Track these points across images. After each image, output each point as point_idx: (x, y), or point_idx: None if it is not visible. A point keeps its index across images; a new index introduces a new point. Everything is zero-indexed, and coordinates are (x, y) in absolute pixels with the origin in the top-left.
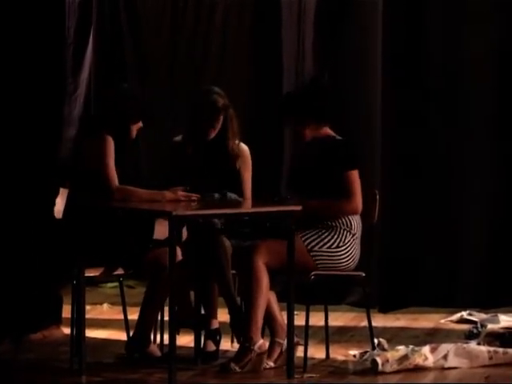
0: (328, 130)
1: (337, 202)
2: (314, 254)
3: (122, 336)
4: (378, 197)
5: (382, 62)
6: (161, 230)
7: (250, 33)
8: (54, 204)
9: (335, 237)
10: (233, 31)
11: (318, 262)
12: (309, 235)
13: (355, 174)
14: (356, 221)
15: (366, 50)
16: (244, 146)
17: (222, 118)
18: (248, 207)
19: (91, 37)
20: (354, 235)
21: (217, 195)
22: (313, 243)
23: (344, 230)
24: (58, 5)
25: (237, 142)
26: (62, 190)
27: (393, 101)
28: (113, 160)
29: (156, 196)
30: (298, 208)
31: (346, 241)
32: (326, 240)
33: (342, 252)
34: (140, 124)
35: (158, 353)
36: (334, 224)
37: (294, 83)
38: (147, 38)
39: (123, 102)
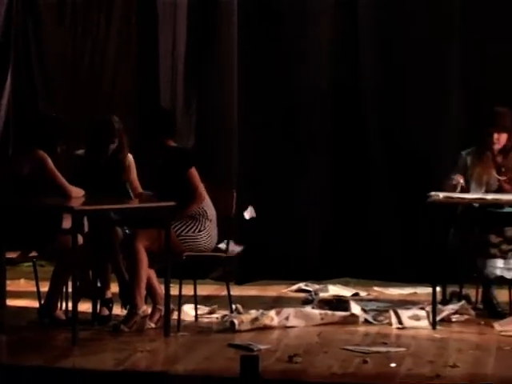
0: (172, 142)
1: (191, 203)
2: (182, 238)
3: (35, 304)
4: (235, 194)
5: (238, 78)
6: (67, 221)
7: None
8: None
9: (197, 224)
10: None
11: (185, 244)
12: (177, 225)
13: (194, 171)
14: (211, 209)
15: (226, 68)
16: (131, 157)
17: (118, 137)
18: (136, 203)
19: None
20: (210, 221)
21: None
22: (179, 230)
23: (203, 217)
24: None
25: (129, 155)
26: None
27: (247, 113)
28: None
29: (74, 192)
30: (172, 204)
31: (206, 226)
32: (189, 227)
33: (203, 235)
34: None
35: (63, 317)
36: (195, 215)
37: (169, 100)
38: (53, 64)
39: (52, 125)
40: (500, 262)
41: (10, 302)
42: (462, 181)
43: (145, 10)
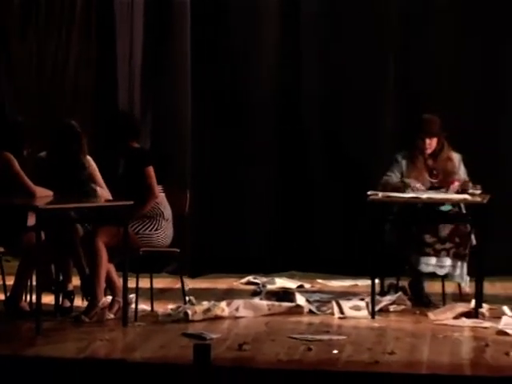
0: (135, 144)
1: (146, 202)
2: (140, 236)
3: (1, 297)
4: (188, 195)
5: (191, 81)
6: (31, 219)
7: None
8: None
9: (153, 222)
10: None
11: (142, 241)
12: (136, 223)
13: (151, 169)
14: (167, 209)
15: (180, 72)
16: (90, 158)
17: (78, 140)
18: (95, 202)
19: None
20: (167, 220)
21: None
22: (137, 228)
23: (159, 217)
24: None
25: (87, 157)
26: None
27: (200, 116)
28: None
29: (38, 192)
30: (130, 203)
31: (162, 225)
32: (147, 225)
33: (159, 233)
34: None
35: (28, 308)
36: (152, 214)
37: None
38: (18, 73)
39: (18, 130)
40: (433, 260)
41: None
42: (418, 185)
43: (103, 19)
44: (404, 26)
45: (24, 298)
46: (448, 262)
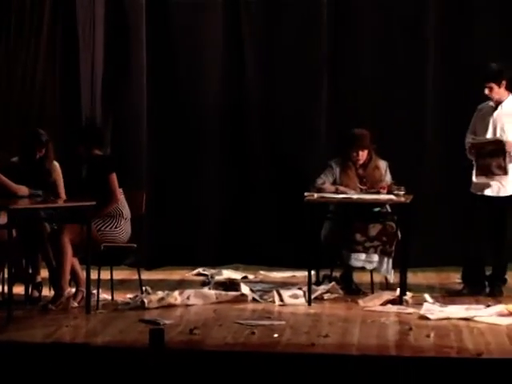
0: (98, 151)
1: (108, 204)
2: (101, 233)
3: None
4: (144, 196)
5: (147, 93)
6: (3, 218)
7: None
8: None
9: (113, 221)
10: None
11: (104, 237)
12: (98, 222)
13: (114, 176)
14: (126, 209)
15: (137, 84)
16: (56, 164)
17: (45, 147)
18: (61, 202)
19: None
20: (125, 219)
21: (40, 192)
22: (99, 226)
23: (119, 216)
24: None
25: (54, 162)
26: None
27: (154, 126)
28: None
29: (18, 190)
30: (92, 203)
31: (121, 223)
32: (107, 223)
33: (118, 230)
34: None
35: (0, 298)
36: (112, 214)
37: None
38: None
39: None
40: (363, 256)
41: None
42: (342, 188)
43: (67, 32)
44: (339, 44)
45: None
46: (376, 258)
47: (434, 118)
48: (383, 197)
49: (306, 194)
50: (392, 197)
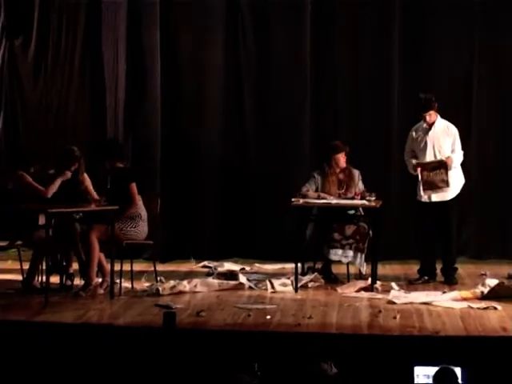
0: (120, 164)
1: (129, 208)
2: (123, 232)
3: (19, 277)
4: (158, 201)
5: (161, 117)
6: (42, 220)
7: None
8: None
9: (133, 222)
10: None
11: (125, 236)
12: (120, 222)
13: (134, 185)
14: (144, 212)
15: (153, 110)
16: (86, 175)
17: (78, 162)
18: (94, 204)
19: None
20: (143, 220)
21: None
22: (121, 226)
23: (138, 218)
24: None
25: (84, 174)
26: None
27: (168, 146)
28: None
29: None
30: (116, 207)
31: (140, 224)
32: (128, 224)
33: (137, 229)
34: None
35: (39, 286)
36: (132, 216)
37: (113, 135)
38: (31, 110)
39: (26, 155)
40: (340, 252)
41: (1, 277)
42: (322, 195)
43: (95, 70)
44: (320, 64)
45: (36, 278)
46: (351, 253)
47: (399, 134)
48: (357, 202)
49: (293, 199)
50: (365, 202)
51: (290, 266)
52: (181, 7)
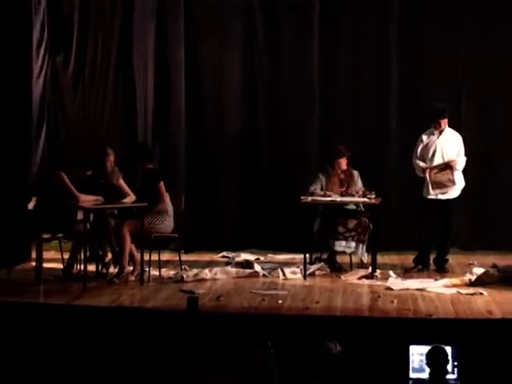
0: (149, 165)
1: (157, 205)
2: (152, 226)
3: (60, 266)
4: (183, 198)
5: (185, 126)
6: (80, 215)
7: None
8: (28, 202)
9: (161, 217)
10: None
11: (154, 229)
12: (149, 217)
13: (162, 184)
14: (170, 208)
15: (177, 119)
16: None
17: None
18: (129, 198)
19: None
20: (170, 215)
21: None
22: (150, 220)
23: (165, 213)
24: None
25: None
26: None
27: (191, 151)
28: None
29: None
30: (145, 204)
31: (166, 218)
32: (156, 219)
33: (164, 224)
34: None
35: (77, 274)
36: (160, 211)
37: (143, 140)
38: (71, 120)
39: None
40: (343, 243)
41: (45, 265)
42: (328, 193)
43: (128, 82)
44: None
45: (75, 266)
46: (353, 244)
47: (397, 135)
48: (359, 199)
49: (302, 197)
50: (366, 199)
51: (300, 256)
52: (203, 23)
